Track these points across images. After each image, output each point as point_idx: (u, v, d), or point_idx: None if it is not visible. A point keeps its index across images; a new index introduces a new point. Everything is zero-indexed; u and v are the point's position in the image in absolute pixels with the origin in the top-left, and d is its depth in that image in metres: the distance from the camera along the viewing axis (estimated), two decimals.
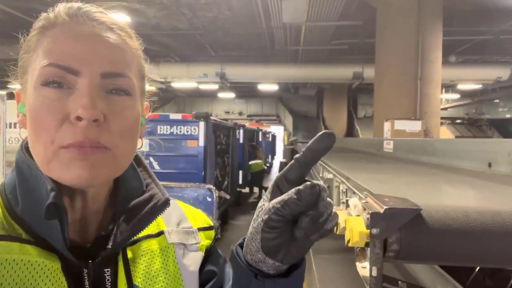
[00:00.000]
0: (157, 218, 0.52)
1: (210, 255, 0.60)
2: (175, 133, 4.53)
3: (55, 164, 0.43)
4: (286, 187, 0.44)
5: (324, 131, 0.43)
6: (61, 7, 0.47)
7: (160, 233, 0.56)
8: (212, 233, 0.62)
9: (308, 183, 0.41)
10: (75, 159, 0.42)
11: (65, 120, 0.43)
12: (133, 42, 0.51)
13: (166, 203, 0.53)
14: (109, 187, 0.52)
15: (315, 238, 0.43)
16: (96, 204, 0.50)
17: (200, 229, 0.61)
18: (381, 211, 0.52)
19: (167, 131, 4.54)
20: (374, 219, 0.51)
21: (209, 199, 3.60)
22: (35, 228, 0.45)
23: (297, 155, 0.44)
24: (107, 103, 0.45)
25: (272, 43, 9.94)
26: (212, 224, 0.64)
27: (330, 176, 1.93)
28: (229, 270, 0.61)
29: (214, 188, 3.69)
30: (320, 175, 2.85)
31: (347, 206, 1.13)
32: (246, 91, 16.98)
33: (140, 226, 0.50)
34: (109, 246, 0.47)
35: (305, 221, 0.42)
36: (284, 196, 0.42)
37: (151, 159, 4.51)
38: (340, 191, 1.49)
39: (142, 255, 0.52)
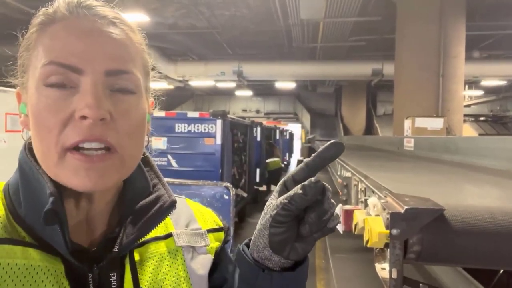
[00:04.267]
0: (164, 219, 0.51)
1: (220, 260, 0.58)
2: (192, 131, 4.55)
3: (61, 169, 0.42)
4: (293, 187, 0.45)
5: (334, 140, 0.48)
6: (60, 2, 0.45)
7: (169, 235, 0.54)
8: (221, 234, 0.60)
9: (312, 178, 0.44)
10: (81, 167, 0.41)
11: (70, 120, 0.41)
12: (137, 37, 0.49)
13: (172, 205, 0.51)
14: (117, 188, 0.51)
15: (318, 236, 0.45)
16: (103, 205, 0.49)
17: (209, 231, 0.59)
18: (402, 211, 0.50)
19: (184, 129, 4.57)
20: (394, 220, 0.50)
21: (226, 197, 3.61)
22: (38, 231, 0.44)
23: (306, 159, 0.48)
24: (112, 102, 0.43)
25: (290, 41, 9.88)
26: (222, 225, 0.62)
27: (348, 174, 1.90)
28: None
29: (231, 186, 3.69)
30: (338, 173, 2.82)
31: (366, 205, 1.10)
32: (264, 89, 16.95)
33: (147, 228, 0.49)
34: (115, 249, 0.46)
35: (311, 217, 0.45)
36: (290, 192, 0.44)
37: (169, 156, 4.56)
38: (359, 190, 1.47)
39: (149, 258, 0.51)
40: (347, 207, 1.54)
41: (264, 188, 9.46)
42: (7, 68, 0.49)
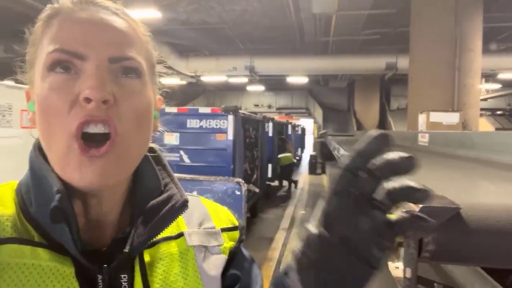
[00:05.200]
0: (176, 219, 0.50)
1: (235, 258, 0.56)
2: (204, 126, 4.57)
3: (68, 165, 0.41)
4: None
5: (381, 132, 0.35)
6: None
7: (180, 235, 0.52)
8: (236, 234, 0.58)
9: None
10: (86, 165, 0.41)
11: (74, 104, 0.41)
12: (140, 28, 0.49)
13: (184, 205, 0.50)
14: (126, 185, 0.49)
15: (401, 227, 0.34)
16: (113, 204, 0.48)
17: (223, 230, 0.56)
18: (416, 209, 0.49)
19: (196, 124, 4.59)
20: None
21: (238, 193, 3.61)
22: (48, 230, 0.43)
23: (343, 162, 0.36)
24: (117, 86, 0.43)
25: (302, 35, 9.80)
26: (237, 224, 0.60)
27: None
28: (257, 272, 0.58)
29: (243, 181, 3.69)
30: None
31: None
32: (275, 84, 16.90)
33: (158, 228, 0.47)
34: (126, 250, 0.45)
35: (380, 192, 0.34)
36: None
37: (181, 152, 4.58)
38: None
39: (160, 259, 0.49)
40: None
41: (276, 183, 9.47)
42: (16, 64, 0.49)
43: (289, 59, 10.92)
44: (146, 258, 0.48)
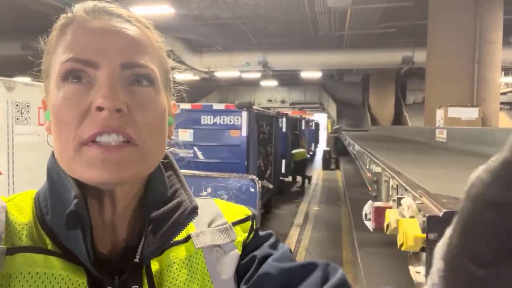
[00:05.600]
0: (186, 226, 0.49)
1: (246, 247, 0.54)
2: (218, 123, 4.57)
3: (77, 163, 0.41)
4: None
5: None
6: (77, 6, 0.46)
7: (188, 238, 0.51)
8: (249, 224, 0.56)
9: None
10: (97, 158, 0.40)
11: (87, 114, 0.41)
12: (153, 35, 0.49)
13: (193, 211, 0.48)
14: (138, 190, 0.48)
15: None
16: (126, 209, 0.48)
17: (235, 223, 0.55)
18: (440, 214, 0.47)
19: (210, 121, 4.60)
20: (431, 223, 0.47)
21: (252, 190, 3.60)
22: (62, 239, 0.43)
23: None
24: (129, 95, 0.43)
25: (316, 29, 9.69)
26: (250, 214, 0.58)
27: (378, 169, 1.84)
28: (275, 242, 0.55)
29: (257, 178, 3.69)
30: (367, 166, 2.74)
31: (399, 204, 1.05)
32: (289, 79, 16.80)
33: (168, 237, 0.47)
34: (136, 260, 0.44)
35: None
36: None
37: (196, 149, 4.60)
38: (390, 186, 1.41)
39: (169, 265, 0.48)
40: (378, 204, 1.49)
41: (289, 179, 9.44)
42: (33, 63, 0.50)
43: (303, 53, 10.83)
44: (155, 266, 0.47)
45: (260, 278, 0.50)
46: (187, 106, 4.71)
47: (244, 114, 4.50)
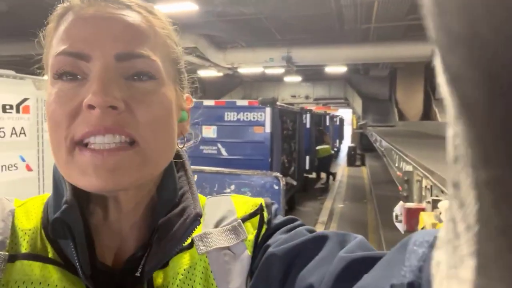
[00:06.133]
0: (190, 235, 0.44)
1: (258, 245, 0.47)
2: (241, 119, 4.55)
3: (71, 169, 0.38)
4: None
5: None
6: None
7: (193, 243, 0.45)
8: (257, 218, 0.49)
9: None
10: (88, 164, 0.36)
11: (78, 112, 0.37)
12: (157, 21, 0.43)
13: (195, 219, 0.43)
14: (148, 193, 0.44)
15: None
16: (134, 215, 0.44)
17: (245, 219, 0.48)
18: None
19: (234, 117, 4.59)
20: None
21: (276, 187, 3.57)
22: (62, 247, 0.40)
23: None
24: (127, 90, 0.38)
25: (341, 23, 9.49)
26: (258, 204, 0.51)
27: (409, 168, 1.75)
28: (291, 226, 0.47)
29: (281, 176, 3.64)
30: (396, 164, 2.64)
31: (434, 207, 0.96)
32: (313, 74, 16.58)
33: (171, 248, 0.42)
34: (137, 274, 0.40)
35: None
36: None
37: (219, 145, 4.61)
38: (423, 187, 1.34)
39: (173, 278, 0.43)
40: (410, 205, 1.42)
41: (313, 175, 9.33)
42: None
43: (328, 48, 10.63)
44: (159, 279, 0.42)
45: (263, 263, 0.44)
46: (210, 102, 4.71)
47: (268, 110, 4.45)
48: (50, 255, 0.40)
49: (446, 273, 0.14)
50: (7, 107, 2.83)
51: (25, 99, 2.90)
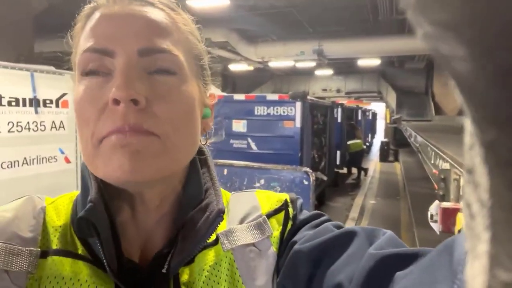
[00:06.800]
0: (214, 231, 0.44)
1: (283, 241, 0.47)
2: (271, 114, 4.53)
3: (97, 159, 0.38)
4: None
5: None
6: None
7: (218, 239, 0.45)
8: (282, 214, 0.48)
9: None
10: (115, 147, 0.37)
11: (105, 108, 0.38)
12: (180, 17, 0.44)
13: (218, 215, 0.43)
14: (173, 191, 0.45)
15: None
16: (161, 213, 0.44)
17: (270, 215, 0.48)
18: None
19: (264, 112, 4.57)
20: None
21: (306, 183, 3.53)
22: (91, 244, 0.41)
23: None
24: (149, 85, 0.38)
25: (375, 14, 9.20)
26: (283, 199, 0.50)
27: (446, 166, 1.67)
28: (317, 223, 0.46)
29: (311, 171, 3.60)
30: (432, 161, 2.53)
31: None
32: (345, 67, 16.24)
33: (195, 245, 0.42)
34: (164, 271, 0.40)
35: None
36: None
37: (249, 139, 4.62)
38: (461, 186, 1.27)
39: (199, 274, 0.43)
40: (446, 205, 1.36)
41: (344, 170, 9.18)
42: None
43: (361, 40, 10.36)
44: (185, 276, 0.43)
45: (290, 260, 0.43)
46: (240, 96, 4.72)
47: (298, 104, 4.41)
48: (79, 251, 0.41)
49: (469, 259, 0.14)
50: (47, 101, 2.97)
51: (64, 94, 3.03)
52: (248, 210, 0.48)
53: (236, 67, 13.15)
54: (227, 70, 14.35)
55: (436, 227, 1.32)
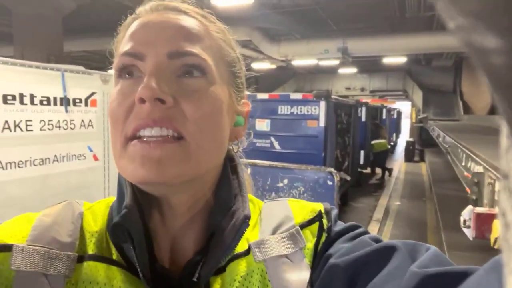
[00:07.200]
0: (241, 238, 0.43)
1: (317, 254, 0.45)
2: (295, 113, 4.50)
3: (124, 159, 0.40)
4: None
5: None
6: (141, 6, 0.46)
7: (250, 249, 0.44)
8: (316, 226, 0.47)
9: None
10: (136, 154, 0.38)
11: (133, 108, 0.39)
12: (212, 25, 0.46)
13: (244, 222, 0.43)
14: (203, 197, 0.44)
15: None
16: (191, 220, 0.44)
17: (303, 226, 0.46)
18: None
19: (287, 111, 4.55)
20: None
21: (330, 183, 3.49)
22: (125, 250, 0.41)
23: None
24: (178, 86, 0.40)
25: (402, 11, 8.98)
26: (317, 210, 0.48)
27: (479, 169, 1.60)
28: (352, 235, 0.45)
29: (336, 171, 3.55)
30: (463, 164, 2.44)
31: None
32: (369, 65, 15.95)
33: (223, 252, 0.42)
34: (194, 279, 0.40)
35: None
36: None
37: (272, 138, 4.60)
38: (496, 190, 1.22)
39: (230, 284, 0.42)
40: (480, 210, 1.30)
41: (368, 170, 9.03)
42: None
43: (387, 38, 10.13)
44: (216, 285, 0.42)
45: (325, 274, 0.41)
46: (264, 96, 4.71)
47: (322, 103, 4.36)
48: (114, 257, 0.42)
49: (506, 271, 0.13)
50: (77, 100, 3.05)
51: (92, 93, 3.11)
52: (280, 220, 0.47)
53: (259, 65, 13.16)
54: (249, 69, 14.39)
55: (469, 233, 1.27)
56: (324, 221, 0.48)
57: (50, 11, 6.34)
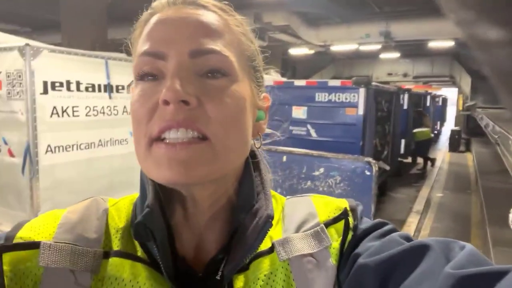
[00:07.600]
0: (264, 237, 0.42)
1: (344, 253, 0.44)
2: (333, 100, 4.39)
3: (148, 162, 0.39)
4: None
5: None
6: (157, 1, 0.44)
7: (273, 248, 0.44)
8: (341, 224, 0.46)
9: None
10: (163, 157, 0.37)
11: (156, 109, 0.39)
12: (233, 19, 0.44)
13: (267, 221, 0.42)
14: (225, 193, 0.44)
15: None
16: (214, 217, 0.44)
17: (328, 224, 0.46)
18: None
19: (325, 98, 4.44)
20: None
21: (368, 173, 3.39)
22: (149, 247, 0.42)
23: None
24: (201, 87, 0.39)
25: None
26: (343, 208, 0.47)
27: None
28: (381, 233, 0.44)
29: (374, 161, 3.44)
30: None
31: None
32: (413, 50, 15.19)
33: (246, 251, 0.41)
34: (218, 277, 0.40)
35: None
36: None
37: (309, 126, 4.54)
38: None
39: (253, 283, 0.42)
40: None
41: (409, 160, 8.70)
42: None
43: (433, 20, 9.55)
44: (240, 283, 0.42)
45: (354, 274, 0.40)
46: (301, 82, 4.64)
47: (362, 91, 4.21)
48: (138, 254, 0.42)
49: None
50: (119, 87, 3.16)
51: None
52: (304, 217, 0.47)
53: (296, 51, 12.93)
54: (287, 54, 14.18)
55: None
56: (350, 219, 0.47)
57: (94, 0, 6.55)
